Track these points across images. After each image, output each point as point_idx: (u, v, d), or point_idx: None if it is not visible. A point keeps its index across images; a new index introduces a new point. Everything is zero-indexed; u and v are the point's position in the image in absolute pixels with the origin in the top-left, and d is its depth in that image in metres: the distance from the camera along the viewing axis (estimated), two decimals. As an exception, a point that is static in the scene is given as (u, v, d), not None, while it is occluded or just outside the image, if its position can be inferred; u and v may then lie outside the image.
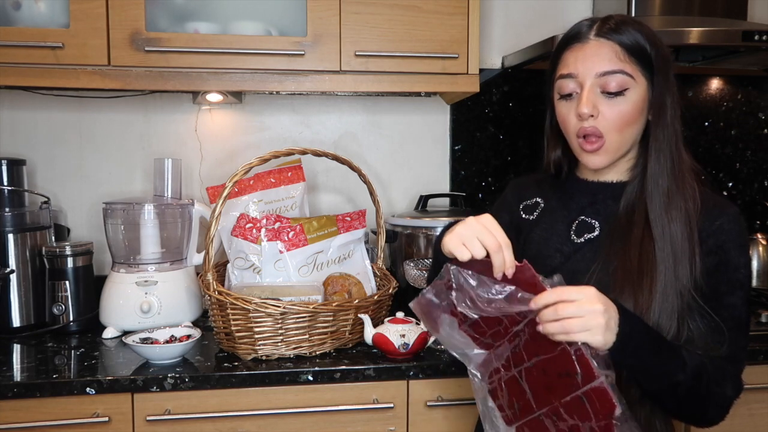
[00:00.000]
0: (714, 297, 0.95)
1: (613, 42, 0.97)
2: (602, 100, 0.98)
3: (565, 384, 0.84)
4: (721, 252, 0.96)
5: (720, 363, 0.93)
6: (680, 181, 0.98)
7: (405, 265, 1.51)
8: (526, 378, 0.89)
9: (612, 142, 0.99)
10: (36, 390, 1.21)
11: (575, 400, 0.84)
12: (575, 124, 1.00)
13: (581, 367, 0.82)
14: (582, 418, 0.84)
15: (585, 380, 0.82)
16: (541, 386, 0.87)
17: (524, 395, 0.89)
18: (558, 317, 0.82)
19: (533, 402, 0.88)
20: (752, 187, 2.07)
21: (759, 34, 1.49)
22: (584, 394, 0.83)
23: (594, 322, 0.82)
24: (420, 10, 1.53)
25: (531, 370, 0.88)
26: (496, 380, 0.93)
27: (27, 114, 1.77)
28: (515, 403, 0.91)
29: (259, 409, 1.28)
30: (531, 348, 0.87)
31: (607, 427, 0.82)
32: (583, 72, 0.98)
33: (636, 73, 0.97)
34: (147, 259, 1.55)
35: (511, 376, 0.91)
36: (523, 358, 0.89)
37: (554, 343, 0.84)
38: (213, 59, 1.48)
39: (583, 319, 0.82)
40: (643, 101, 0.99)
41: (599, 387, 0.81)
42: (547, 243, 1.08)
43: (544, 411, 0.87)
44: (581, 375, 0.82)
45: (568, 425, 0.85)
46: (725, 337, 0.94)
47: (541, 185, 1.16)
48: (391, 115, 1.92)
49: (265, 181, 1.62)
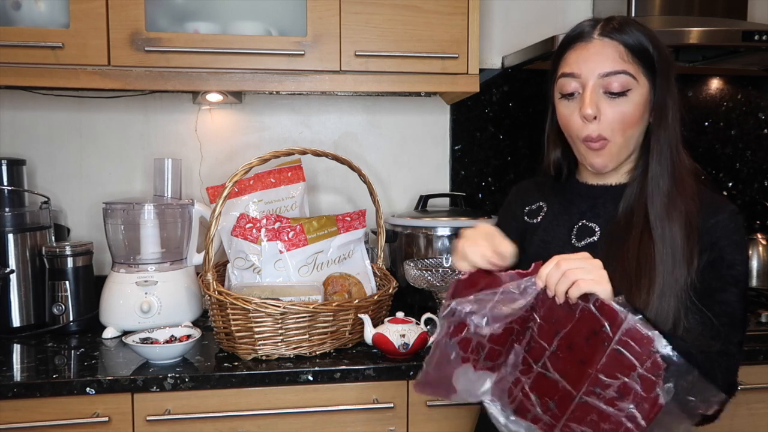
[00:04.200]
0: (707, 293, 0.95)
1: (617, 42, 0.97)
2: (604, 101, 0.97)
3: (596, 345, 0.81)
4: (715, 249, 0.96)
5: (711, 355, 0.92)
6: (680, 183, 0.98)
7: (405, 265, 1.51)
8: (553, 366, 0.86)
9: (616, 144, 0.99)
10: (36, 390, 1.21)
11: (612, 356, 0.80)
12: (579, 127, 1.00)
13: (606, 317, 0.80)
14: (625, 371, 0.79)
15: (614, 328, 0.79)
16: (573, 364, 0.84)
17: (557, 386, 0.85)
18: (562, 271, 0.83)
19: (569, 387, 0.84)
20: (752, 187, 2.07)
21: (759, 34, 1.49)
22: (619, 344, 0.79)
23: (596, 273, 0.83)
24: (420, 10, 1.53)
25: (556, 354, 0.85)
26: (519, 392, 0.89)
27: (27, 114, 1.77)
28: (550, 402, 0.86)
29: (259, 409, 1.28)
30: (547, 332, 0.86)
31: (655, 365, 0.78)
32: (586, 72, 0.98)
33: (638, 74, 0.97)
34: (147, 259, 1.55)
35: (535, 375, 0.87)
36: (542, 348, 0.86)
37: (570, 311, 0.83)
38: (213, 59, 1.48)
39: (585, 269, 0.83)
40: (645, 103, 0.99)
41: (631, 327, 0.78)
42: (548, 247, 1.08)
43: (584, 390, 0.83)
44: (608, 325, 0.80)
45: (615, 388, 0.80)
46: (717, 333, 0.94)
47: (543, 188, 1.16)
48: (391, 115, 1.92)
49: (265, 181, 1.62)
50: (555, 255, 1.05)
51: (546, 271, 0.85)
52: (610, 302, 0.81)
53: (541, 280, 0.86)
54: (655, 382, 0.78)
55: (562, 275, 0.83)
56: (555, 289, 0.84)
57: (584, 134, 0.99)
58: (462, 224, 1.65)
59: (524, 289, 0.85)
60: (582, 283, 0.82)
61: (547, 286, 0.85)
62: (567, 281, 0.83)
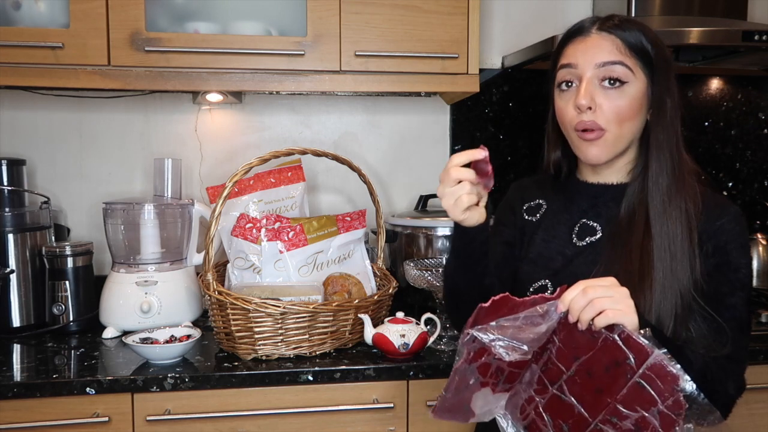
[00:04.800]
0: (716, 298, 0.95)
1: (615, 36, 0.98)
2: (601, 93, 0.98)
3: (617, 376, 0.79)
4: (722, 253, 0.96)
5: (722, 362, 0.93)
6: (680, 182, 0.98)
7: (405, 265, 1.51)
8: (569, 390, 0.83)
9: (612, 134, 0.99)
10: (36, 390, 1.21)
11: (633, 388, 0.78)
12: (573, 116, 1.00)
13: (631, 349, 0.78)
14: (646, 405, 0.78)
15: (639, 361, 0.77)
16: (590, 391, 0.82)
17: (572, 410, 0.83)
18: (588, 299, 0.81)
19: (585, 413, 0.82)
20: (752, 187, 2.07)
21: (759, 34, 1.49)
22: (642, 378, 0.77)
23: (625, 303, 0.81)
24: (420, 10, 1.53)
25: (573, 378, 0.83)
26: (532, 411, 0.87)
27: (27, 114, 1.77)
28: (563, 424, 0.85)
29: (259, 409, 1.28)
30: (566, 356, 0.83)
31: (676, 404, 0.76)
32: (583, 63, 0.98)
33: (636, 68, 0.97)
34: (147, 259, 1.55)
35: (550, 396, 0.85)
36: (559, 371, 0.84)
37: (593, 338, 0.81)
38: (213, 59, 1.48)
39: (614, 299, 0.81)
40: (642, 98, 0.99)
41: (657, 363, 0.76)
42: (549, 246, 1.08)
43: (601, 418, 0.81)
44: (633, 358, 0.77)
45: (633, 420, 0.79)
46: (727, 338, 0.93)
47: (543, 186, 1.16)
48: (391, 115, 1.92)
49: (265, 181, 1.62)
50: (557, 255, 1.06)
51: (570, 297, 0.83)
52: (637, 336, 0.79)
53: (564, 305, 0.83)
54: (675, 420, 0.77)
55: (589, 303, 0.81)
56: (579, 316, 0.82)
57: (577, 121, 0.99)
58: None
59: (546, 313, 0.83)
60: (610, 313, 0.80)
61: (570, 312, 0.83)
62: (593, 310, 0.81)
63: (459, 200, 0.94)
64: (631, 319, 0.81)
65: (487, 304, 0.85)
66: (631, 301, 0.82)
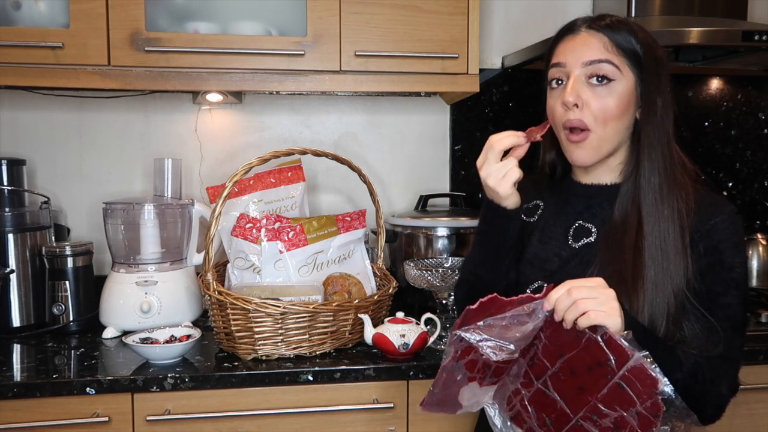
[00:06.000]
0: (709, 297, 0.95)
1: (602, 34, 0.99)
2: (588, 91, 0.98)
3: (598, 376, 0.81)
4: (715, 252, 0.96)
5: (715, 362, 0.92)
6: (673, 180, 0.98)
7: (405, 265, 1.51)
8: (553, 386, 0.85)
9: (597, 136, 0.99)
10: (36, 390, 1.21)
11: (613, 389, 0.80)
12: (561, 114, 1.01)
13: (612, 351, 0.79)
14: (625, 406, 0.80)
15: (619, 363, 0.79)
16: (573, 388, 0.84)
17: (555, 405, 0.85)
18: (573, 299, 0.82)
19: (567, 409, 0.84)
20: (752, 187, 2.07)
21: (759, 34, 1.49)
22: (622, 379, 0.79)
23: (609, 305, 0.82)
24: (420, 10, 1.53)
25: (557, 375, 0.85)
26: (518, 402, 0.89)
27: (27, 114, 1.77)
28: (546, 418, 0.87)
29: (259, 409, 1.28)
30: (551, 352, 0.85)
31: (654, 406, 0.78)
32: (571, 61, 0.99)
33: (623, 67, 0.98)
34: (147, 259, 1.55)
35: (535, 390, 0.87)
36: (544, 367, 0.86)
37: (576, 338, 0.82)
38: (213, 59, 1.48)
39: (598, 300, 0.82)
40: (629, 96, 0.99)
41: (636, 365, 0.78)
42: (545, 247, 1.08)
43: (581, 414, 0.83)
44: (614, 359, 0.79)
45: (612, 419, 0.81)
46: (720, 338, 0.93)
47: (539, 187, 1.16)
48: (390, 115, 1.92)
49: (265, 181, 1.62)
50: (553, 256, 1.06)
51: (555, 296, 0.84)
52: (618, 338, 0.80)
53: (549, 304, 0.84)
54: (653, 422, 0.79)
55: (573, 303, 0.82)
56: (564, 315, 0.83)
57: (565, 119, 1.00)
58: (462, 224, 1.65)
59: (533, 312, 0.84)
60: (593, 314, 0.81)
61: (555, 311, 0.84)
62: (577, 310, 0.82)
63: (509, 173, 0.97)
64: (614, 321, 0.82)
65: (475, 306, 0.87)
66: (616, 303, 0.83)
